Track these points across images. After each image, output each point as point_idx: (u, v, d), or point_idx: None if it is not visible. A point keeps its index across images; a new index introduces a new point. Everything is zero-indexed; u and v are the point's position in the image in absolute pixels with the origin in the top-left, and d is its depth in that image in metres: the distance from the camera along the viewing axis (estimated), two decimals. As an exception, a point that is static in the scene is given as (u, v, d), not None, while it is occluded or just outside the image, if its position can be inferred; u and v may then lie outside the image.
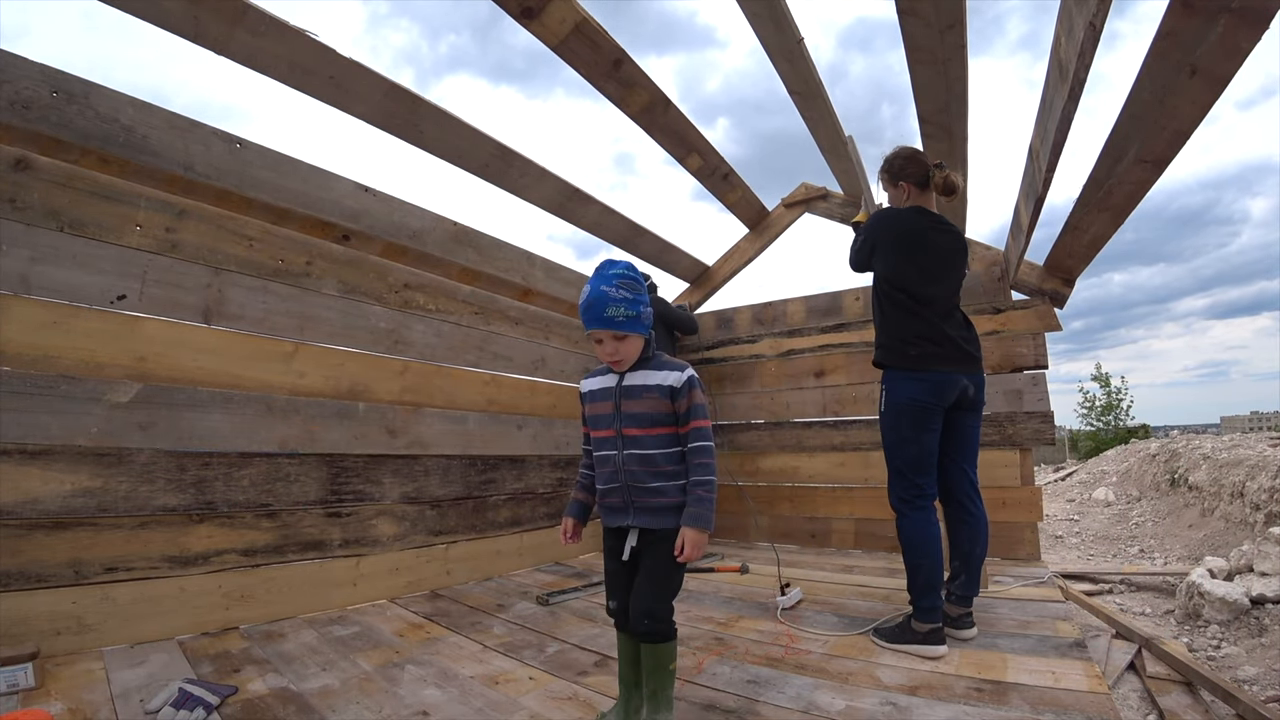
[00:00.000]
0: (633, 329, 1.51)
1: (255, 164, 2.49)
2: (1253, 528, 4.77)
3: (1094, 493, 8.10)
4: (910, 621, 2.08)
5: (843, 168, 3.80)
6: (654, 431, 1.52)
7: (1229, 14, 1.40)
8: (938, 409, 2.18)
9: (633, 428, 1.53)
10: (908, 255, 2.24)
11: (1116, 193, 2.32)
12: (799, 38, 2.54)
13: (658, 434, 1.52)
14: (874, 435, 4.10)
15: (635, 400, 1.53)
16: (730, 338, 4.78)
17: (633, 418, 1.53)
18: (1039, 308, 3.71)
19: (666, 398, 1.51)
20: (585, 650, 2.10)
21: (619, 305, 1.48)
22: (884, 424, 2.28)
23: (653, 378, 1.53)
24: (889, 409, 2.25)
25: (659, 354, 1.60)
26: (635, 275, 1.54)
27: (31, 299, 1.94)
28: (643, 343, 1.56)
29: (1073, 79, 1.72)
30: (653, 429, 1.52)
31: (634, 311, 1.50)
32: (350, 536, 2.67)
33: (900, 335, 2.22)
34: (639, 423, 1.52)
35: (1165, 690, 2.86)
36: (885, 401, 2.26)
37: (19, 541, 1.87)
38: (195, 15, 2.06)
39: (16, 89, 1.91)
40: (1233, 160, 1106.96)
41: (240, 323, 2.43)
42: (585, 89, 2.69)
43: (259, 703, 1.64)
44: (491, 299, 3.55)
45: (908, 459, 2.20)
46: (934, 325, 2.20)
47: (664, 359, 1.59)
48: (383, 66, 2.85)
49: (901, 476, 2.21)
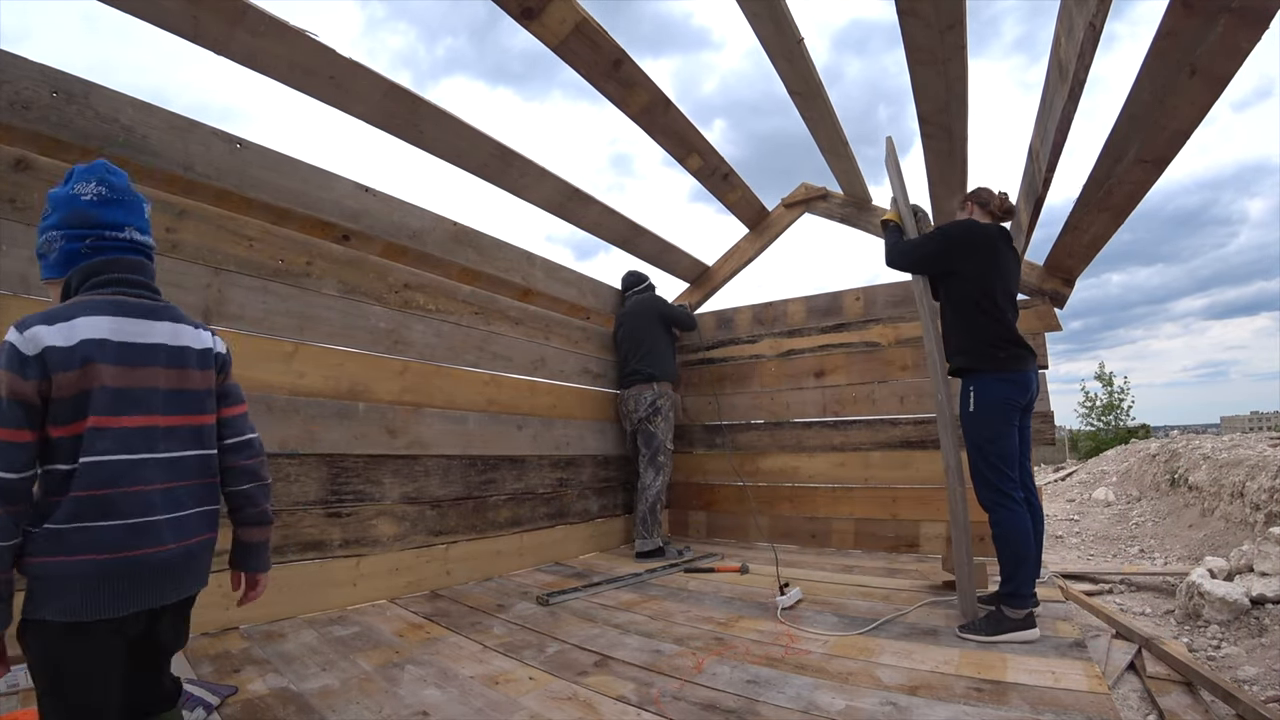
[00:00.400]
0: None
1: (255, 164, 2.49)
2: (1253, 528, 4.77)
3: (1094, 493, 8.11)
4: (1003, 611, 2.17)
5: (843, 168, 3.80)
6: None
7: (1229, 14, 1.40)
8: (1019, 406, 2.36)
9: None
10: (993, 265, 2.40)
11: (1116, 192, 2.33)
12: (799, 38, 2.54)
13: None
14: (874, 435, 4.10)
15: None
16: (730, 338, 4.78)
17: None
18: (1039, 308, 3.71)
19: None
20: (585, 650, 2.10)
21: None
22: (974, 425, 2.37)
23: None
24: (981, 409, 2.35)
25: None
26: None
27: (32, 299, 1.94)
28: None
29: (1072, 79, 1.73)
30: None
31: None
32: (350, 536, 2.67)
33: (989, 340, 2.36)
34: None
35: (1165, 690, 2.87)
36: (976, 403, 2.36)
37: (19, 542, 1.86)
38: (195, 15, 2.06)
39: (16, 89, 1.91)
40: (1230, 161, 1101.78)
41: (240, 323, 2.43)
42: (582, 91, 2.70)
43: (259, 703, 1.64)
44: (491, 299, 3.55)
45: (1003, 454, 2.31)
46: (1014, 330, 2.39)
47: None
48: (380, 69, 2.89)
49: (997, 472, 2.30)
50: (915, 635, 2.20)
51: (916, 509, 3.89)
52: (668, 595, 2.86)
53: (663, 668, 1.93)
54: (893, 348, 4.13)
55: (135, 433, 1.10)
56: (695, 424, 4.80)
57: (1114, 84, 1.89)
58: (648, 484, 3.91)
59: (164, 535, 1.11)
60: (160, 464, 1.12)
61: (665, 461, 3.98)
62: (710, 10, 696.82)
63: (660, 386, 4.03)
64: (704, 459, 4.70)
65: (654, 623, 2.43)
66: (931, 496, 3.86)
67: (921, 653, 2.01)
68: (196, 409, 1.22)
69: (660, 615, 2.53)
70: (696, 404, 4.82)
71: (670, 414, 4.05)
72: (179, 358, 1.20)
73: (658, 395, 4.00)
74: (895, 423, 4.07)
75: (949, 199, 3.51)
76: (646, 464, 3.97)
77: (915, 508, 3.89)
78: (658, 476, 3.92)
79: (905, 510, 3.92)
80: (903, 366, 4.08)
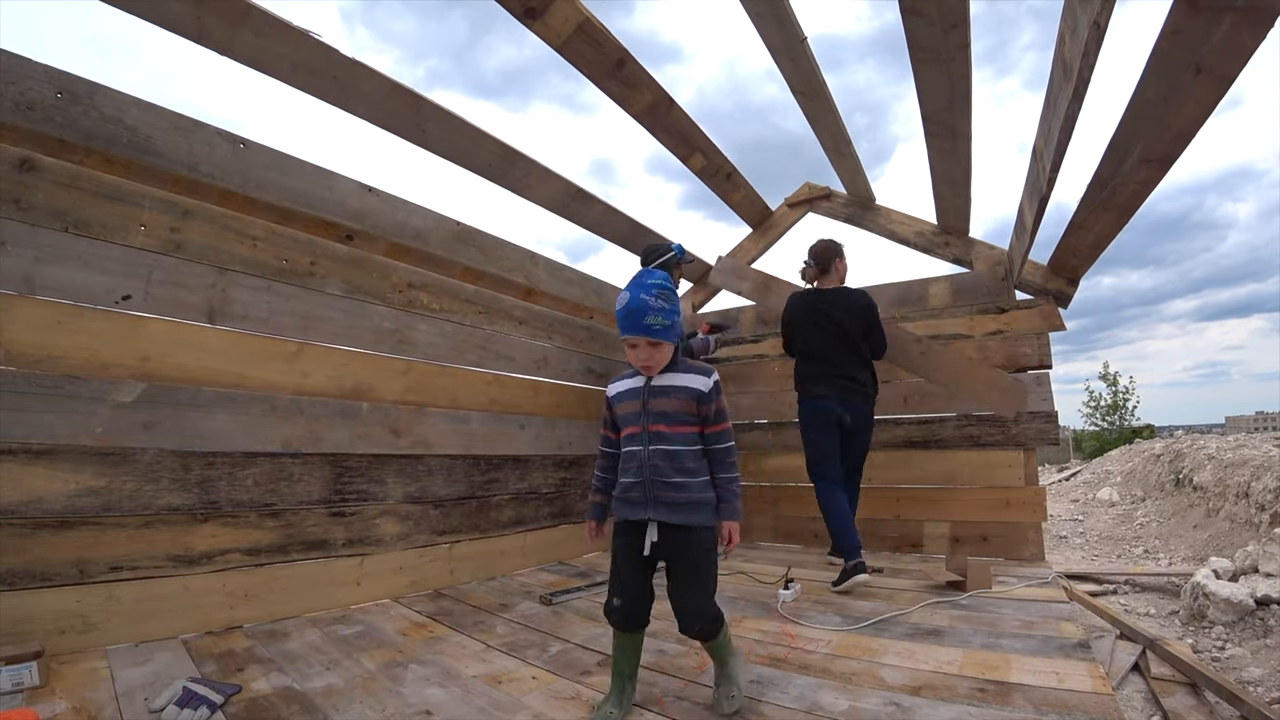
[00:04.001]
0: (666, 337, 1.60)
1: (259, 164, 2.50)
2: (1258, 528, 4.75)
3: (1098, 493, 8.08)
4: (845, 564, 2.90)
5: (847, 167, 3.80)
6: (679, 429, 1.62)
7: (1234, 12, 1.39)
8: (827, 422, 3.27)
9: (659, 424, 1.61)
10: (800, 323, 3.42)
11: (1121, 192, 2.32)
12: (802, 37, 2.53)
13: (683, 432, 1.62)
14: (876, 435, 4.07)
15: (663, 399, 1.62)
16: (733, 337, 4.77)
17: (660, 415, 1.62)
18: (1043, 307, 3.70)
19: (693, 400, 1.61)
20: (588, 650, 2.10)
21: (657, 314, 1.57)
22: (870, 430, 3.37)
23: (680, 379, 1.63)
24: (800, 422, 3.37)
25: (684, 360, 1.70)
26: (672, 288, 1.63)
27: (36, 299, 1.95)
28: (673, 350, 1.65)
29: (1077, 78, 1.72)
30: (678, 427, 1.62)
31: (669, 321, 1.59)
32: (354, 536, 2.68)
33: (797, 378, 3.43)
34: (666, 420, 1.61)
35: (1170, 691, 2.86)
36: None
37: (24, 540, 1.87)
38: (199, 16, 2.07)
39: (21, 90, 1.92)
40: (1212, 168, 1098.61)
41: (244, 323, 2.43)
42: (562, 102, 2.72)
43: (263, 701, 1.65)
44: (495, 299, 3.55)
45: (815, 453, 3.28)
46: (812, 371, 3.34)
47: (689, 364, 1.69)
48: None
49: (811, 464, 3.27)
50: (918, 635, 2.19)
51: (919, 509, 3.88)
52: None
53: (666, 668, 1.93)
54: (896, 347, 4.11)
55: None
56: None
57: (1110, 85, 1.89)
58: None
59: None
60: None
61: None
62: (674, 26, 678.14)
63: None
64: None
65: (657, 623, 2.41)
66: (935, 496, 3.85)
67: (925, 653, 2.00)
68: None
69: (663, 615, 2.53)
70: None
71: None
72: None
73: None
74: (898, 423, 4.06)
75: (954, 198, 3.51)
76: None
77: (918, 508, 3.89)
78: None
79: (908, 510, 3.91)
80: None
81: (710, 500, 1.62)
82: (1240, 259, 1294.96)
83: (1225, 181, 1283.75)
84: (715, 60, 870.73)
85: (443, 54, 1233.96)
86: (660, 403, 1.62)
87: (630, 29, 28.46)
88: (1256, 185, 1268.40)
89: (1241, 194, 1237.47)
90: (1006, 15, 64.73)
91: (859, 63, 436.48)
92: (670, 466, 1.59)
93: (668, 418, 1.61)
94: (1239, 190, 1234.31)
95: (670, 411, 1.61)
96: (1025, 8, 72.94)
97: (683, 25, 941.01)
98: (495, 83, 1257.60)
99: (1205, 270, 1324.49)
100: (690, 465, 1.61)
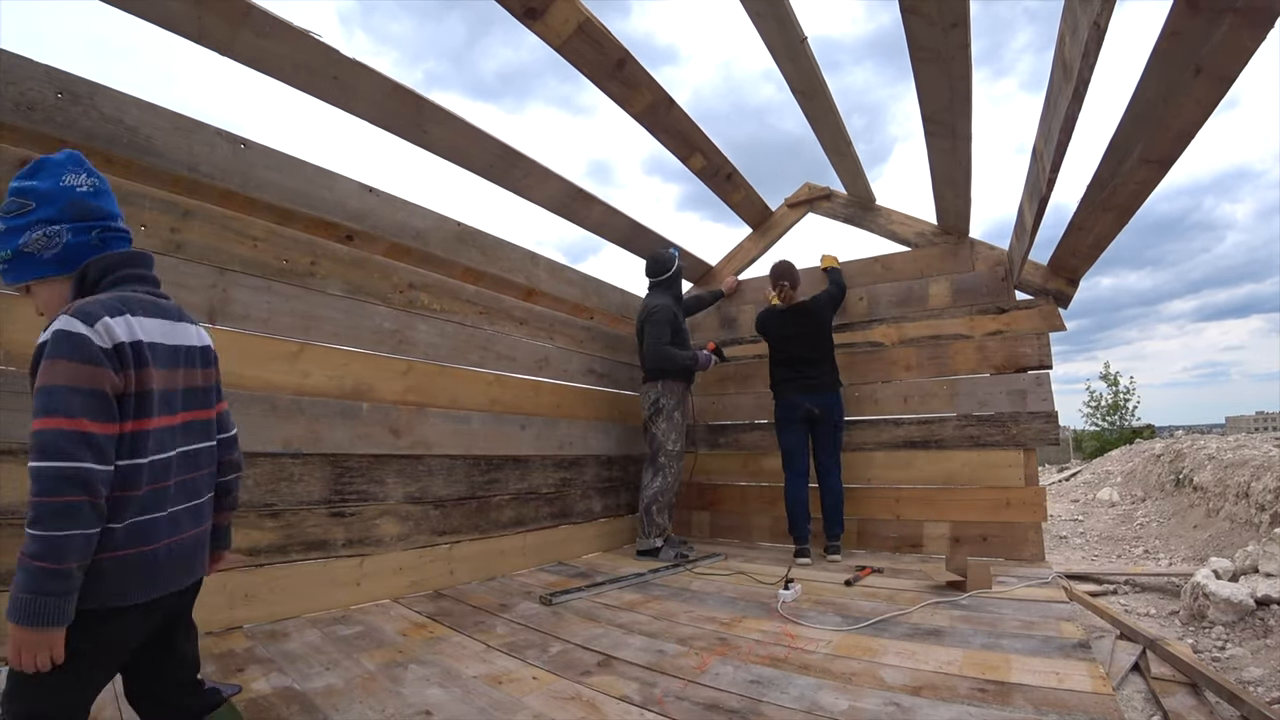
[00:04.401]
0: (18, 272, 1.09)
1: (259, 164, 2.50)
2: (1258, 528, 4.75)
3: (1098, 493, 8.08)
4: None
5: (847, 167, 3.80)
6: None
7: (1234, 13, 1.39)
8: (794, 419, 3.91)
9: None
10: (774, 334, 4.09)
11: (1121, 192, 2.32)
12: (802, 37, 2.53)
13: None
14: (877, 435, 4.11)
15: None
16: (734, 338, 4.77)
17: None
18: (1043, 308, 3.70)
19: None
20: (588, 650, 2.10)
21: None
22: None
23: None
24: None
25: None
26: (19, 198, 1.08)
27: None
28: (64, 286, 1.11)
29: (1077, 79, 1.72)
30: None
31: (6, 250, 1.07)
32: (354, 536, 2.68)
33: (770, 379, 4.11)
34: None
35: (1170, 691, 2.86)
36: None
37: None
38: (199, 16, 2.07)
39: (21, 90, 1.92)
40: (1209, 170, 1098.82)
41: (245, 323, 2.43)
42: (559, 104, 2.72)
43: (263, 702, 1.65)
44: (496, 299, 3.55)
45: (784, 448, 3.94)
46: (784, 370, 3.98)
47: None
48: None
49: (782, 458, 3.94)
50: (919, 635, 2.19)
51: (920, 509, 3.88)
52: (671, 595, 2.86)
53: (666, 668, 1.93)
54: (896, 348, 4.12)
55: (170, 430, 1.14)
56: (698, 424, 4.80)
57: (1108, 85, 1.90)
58: (645, 484, 3.88)
59: (184, 523, 1.16)
60: (184, 458, 1.17)
61: (666, 463, 3.86)
62: (669, 29, 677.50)
63: (665, 384, 3.89)
64: (706, 459, 4.69)
65: (657, 623, 2.43)
66: (935, 497, 3.85)
67: (925, 653, 2.00)
68: (205, 404, 1.28)
69: (663, 615, 2.53)
70: (699, 403, 4.82)
71: (675, 413, 3.91)
72: (195, 357, 1.25)
73: (660, 394, 3.89)
74: (898, 423, 4.06)
75: (954, 198, 3.51)
76: (647, 464, 3.95)
77: (918, 508, 3.89)
78: (655, 478, 3.85)
79: (908, 510, 3.91)
80: (906, 366, 4.07)
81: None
82: (1238, 260, 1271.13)
83: (1223, 182, 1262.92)
84: (711, 62, 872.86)
85: (441, 56, 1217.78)
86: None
87: (627, 31, 28.22)
88: (1254, 186, 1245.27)
89: (1239, 195, 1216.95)
90: (1002, 17, 63.13)
91: (855, 65, 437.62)
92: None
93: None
94: (1236, 191, 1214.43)
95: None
96: (1020, 9, 70.09)
97: (679, 28, 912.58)
98: (493, 85, 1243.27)
99: (1204, 271, 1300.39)
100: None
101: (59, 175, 1.12)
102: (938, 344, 3.98)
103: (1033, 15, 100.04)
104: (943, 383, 3.95)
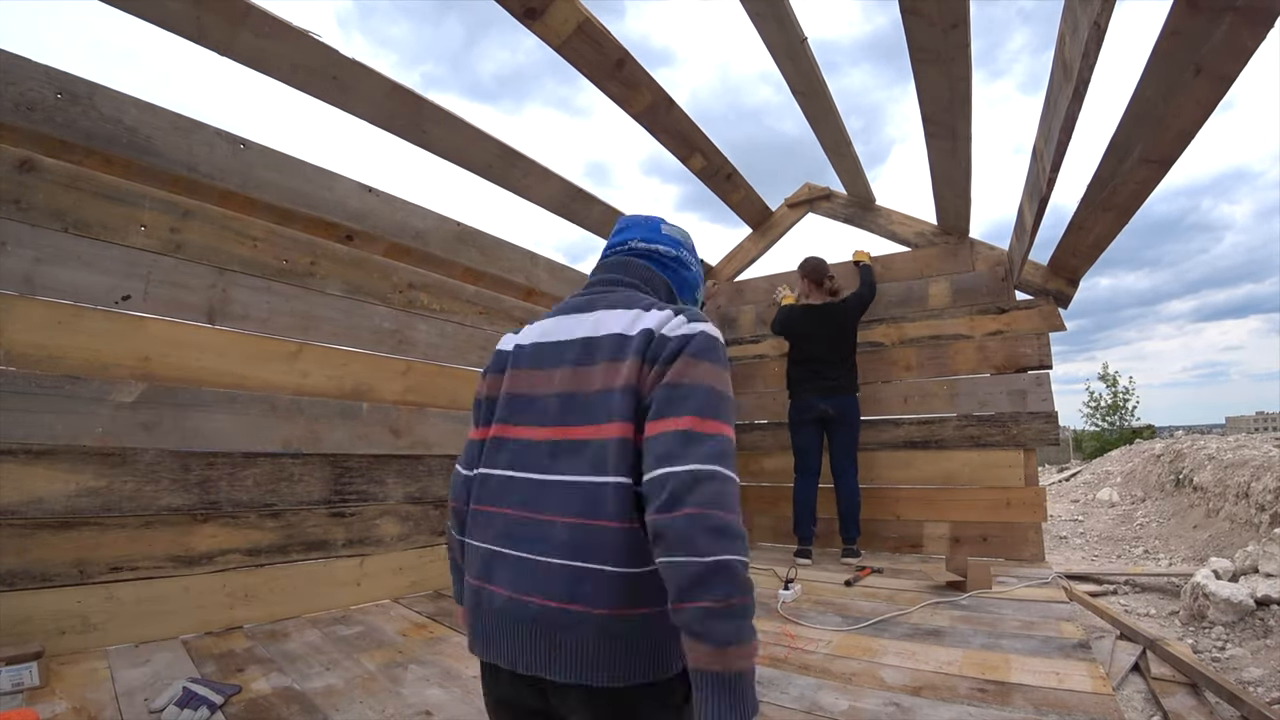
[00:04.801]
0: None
1: (258, 164, 2.49)
2: (1258, 529, 4.75)
3: (1098, 493, 8.08)
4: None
5: (846, 167, 3.80)
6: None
7: (1234, 13, 1.39)
8: (807, 420, 3.86)
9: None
10: (796, 332, 3.99)
11: (1121, 192, 2.32)
12: (802, 37, 2.53)
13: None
14: (877, 435, 4.10)
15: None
16: (734, 338, 4.77)
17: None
18: (1043, 308, 3.70)
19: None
20: (588, 650, 2.10)
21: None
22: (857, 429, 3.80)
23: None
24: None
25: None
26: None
27: (36, 299, 1.95)
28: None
29: (1077, 78, 1.72)
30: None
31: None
32: (354, 536, 2.68)
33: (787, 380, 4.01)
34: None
35: (1170, 692, 2.86)
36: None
37: (24, 541, 1.87)
38: (198, 16, 2.07)
39: (21, 90, 1.92)
40: (1206, 171, 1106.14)
41: (245, 323, 2.43)
42: (557, 105, 2.71)
43: (262, 702, 1.65)
44: (496, 299, 3.55)
45: (796, 448, 3.88)
46: (802, 373, 3.90)
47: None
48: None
49: (795, 458, 3.86)
50: (919, 636, 2.19)
51: (919, 509, 3.88)
52: (670, 595, 2.85)
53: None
54: (896, 348, 4.12)
55: (516, 445, 0.91)
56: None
57: (1106, 85, 1.90)
58: None
59: (497, 574, 0.87)
60: (527, 485, 0.87)
61: None
62: (665, 31, 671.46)
63: None
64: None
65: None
66: (934, 497, 3.85)
67: (925, 653, 2.00)
68: (586, 418, 0.86)
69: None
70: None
71: None
72: (587, 353, 0.89)
73: None
74: (898, 423, 4.06)
75: (954, 198, 3.51)
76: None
77: (918, 508, 3.89)
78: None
79: (908, 511, 3.91)
80: (906, 366, 4.07)
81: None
82: (1237, 260, 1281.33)
83: (1221, 183, 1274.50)
84: (709, 64, 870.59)
85: (439, 58, 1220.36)
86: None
87: (622, 34, 28.17)
88: (1252, 187, 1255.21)
89: (1237, 196, 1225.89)
90: (998, 19, 63.00)
91: (852, 66, 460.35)
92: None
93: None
94: (1235, 192, 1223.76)
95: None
96: (1015, 10, 71.44)
97: (675, 30, 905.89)
98: (491, 86, 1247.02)
99: (1202, 271, 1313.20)
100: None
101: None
102: (938, 344, 3.98)
103: (1028, 16, 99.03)
104: (943, 383, 3.95)
